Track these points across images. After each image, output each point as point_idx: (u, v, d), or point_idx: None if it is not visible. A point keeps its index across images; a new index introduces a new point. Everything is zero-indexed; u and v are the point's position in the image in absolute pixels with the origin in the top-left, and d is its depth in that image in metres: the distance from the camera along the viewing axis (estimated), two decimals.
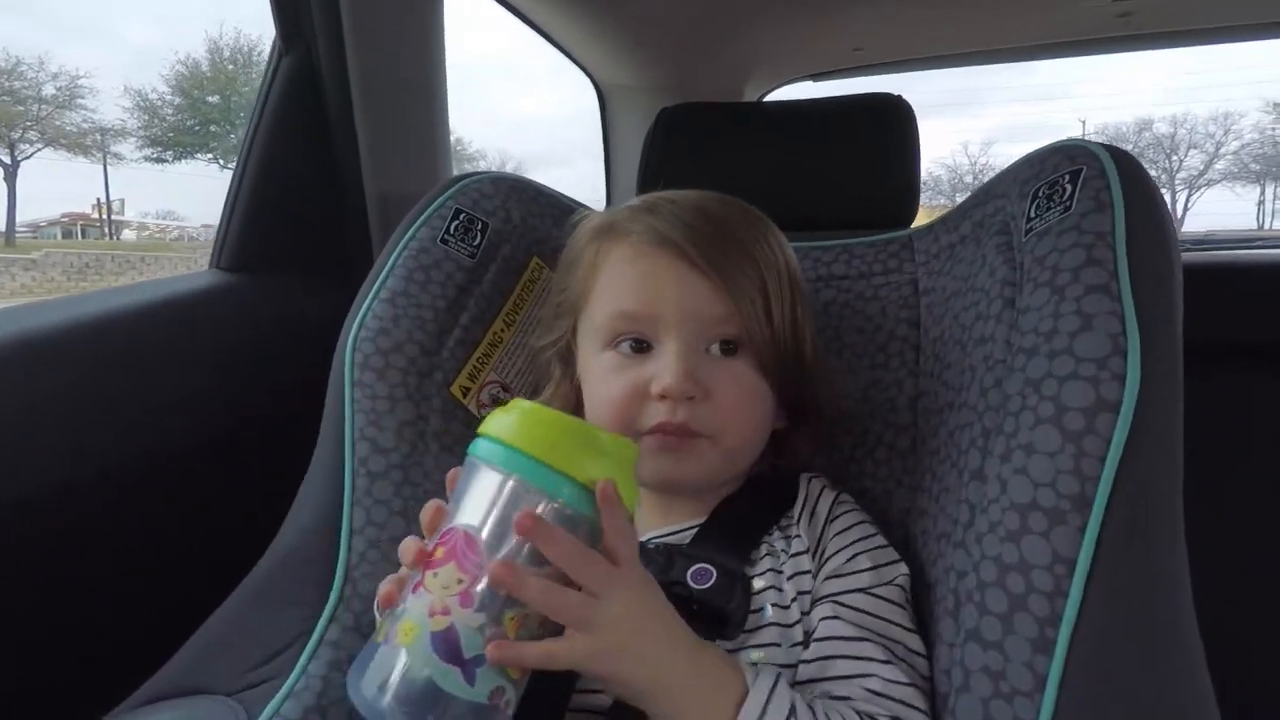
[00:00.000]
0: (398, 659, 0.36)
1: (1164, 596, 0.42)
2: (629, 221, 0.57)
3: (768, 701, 0.41)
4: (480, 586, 0.37)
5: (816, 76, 1.55)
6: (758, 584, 0.51)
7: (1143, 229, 0.49)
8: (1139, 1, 1.13)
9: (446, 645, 0.36)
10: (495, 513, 0.38)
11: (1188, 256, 0.53)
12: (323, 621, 0.57)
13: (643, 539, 0.56)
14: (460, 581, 0.37)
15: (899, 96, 0.83)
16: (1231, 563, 0.66)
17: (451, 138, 1.04)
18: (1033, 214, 0.55)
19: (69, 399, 0.65)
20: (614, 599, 0.38)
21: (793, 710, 0.41)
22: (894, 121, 0.83)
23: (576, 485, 0.38)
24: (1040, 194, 0.56)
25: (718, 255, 0.54)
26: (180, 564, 0.74)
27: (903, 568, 0.53)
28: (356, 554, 0.59)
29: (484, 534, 0.38)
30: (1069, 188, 0.53)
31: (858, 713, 0.43)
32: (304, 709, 0.53)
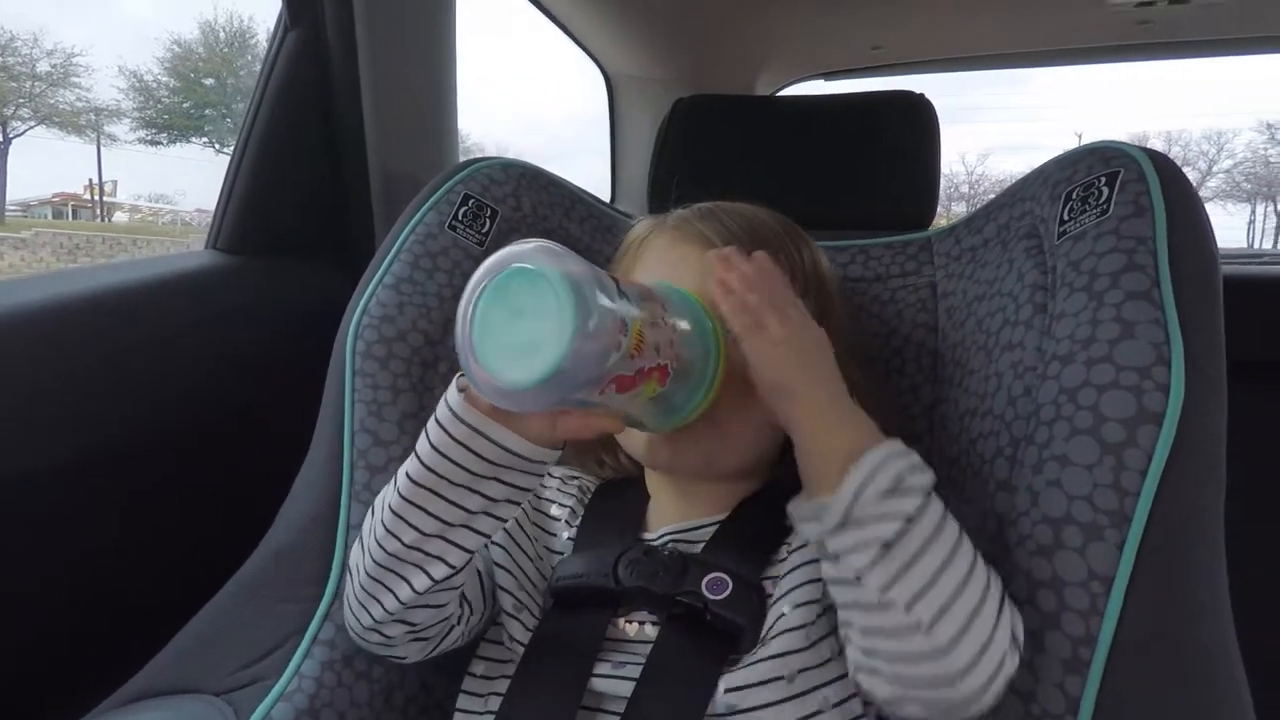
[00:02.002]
0: None
1: (1205, 616, 0.41)
2: (676, 219, 0.59)
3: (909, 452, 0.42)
4: None
5: (830, 75, 1.53)
6: (778, 591, 0.49)
7: (1185, 235, 0.48)
8: (1158, 10, 1.12)
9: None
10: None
11: None
12: (317, 620, 0.55)
13: (659, 533, 0.55)
14: None
15: (921, 95, 0.81)
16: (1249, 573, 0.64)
17: None
18: (1066, 217, 0.53)
19: (55, 377, 0.62)
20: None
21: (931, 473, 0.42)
22: (916, 120, 0.81)
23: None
24: (1074, 196, 0.54)
25: (742, 249, 0.53)
26: (169, 554, 0.72)
27: None
28: None
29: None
30: (1105, 190, 0.52)
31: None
32: (295, 711, 0.51)
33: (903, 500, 0.39)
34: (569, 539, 0.57)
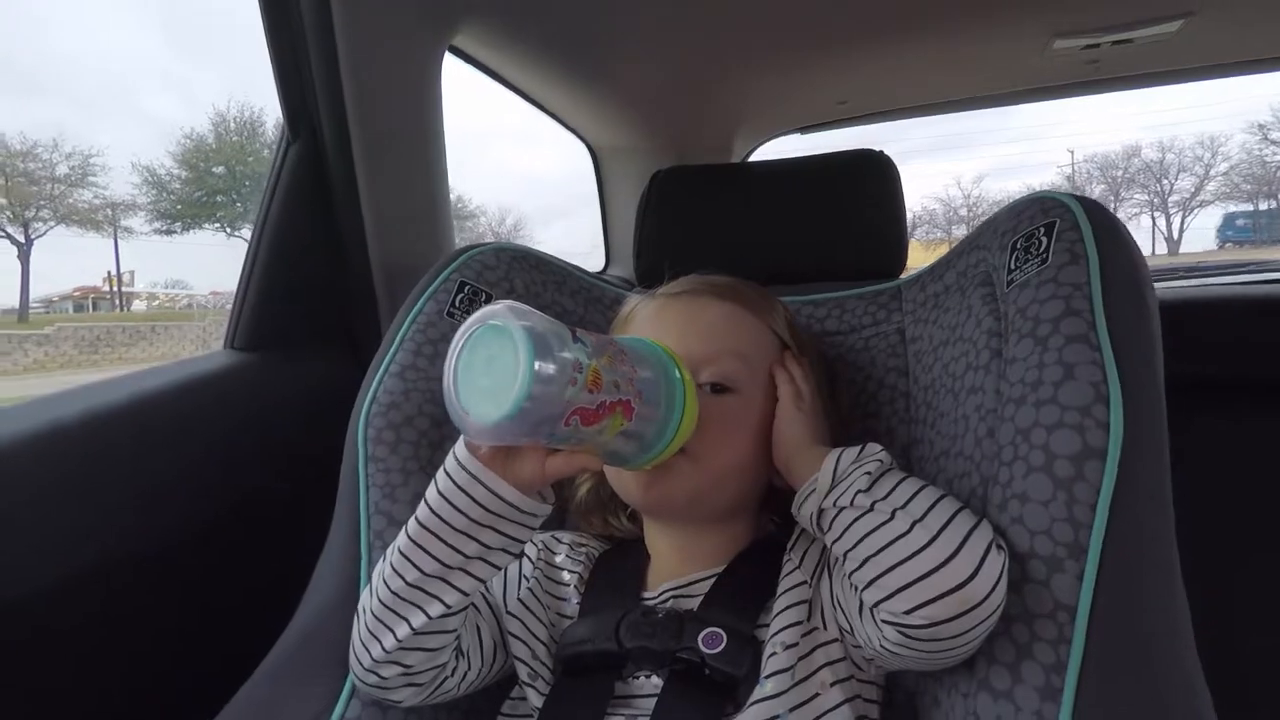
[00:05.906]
0: None
1: (1164, 639, 0.43)
2: (664, 288, 0.66)
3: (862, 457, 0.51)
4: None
5: (804, 129, 1.61)
6: (768, 635, 0.52)
7: (1116, 277, 0.51)
8: (1105, 50, 1.19)
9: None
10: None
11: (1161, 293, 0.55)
12: (342, 700, 0.57)
13: (660, 590, 0.58)
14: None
15: (880, 152, 0.87)
16: (1221, 598, 0.66)
17: (451, 195, 1.09)
18: (1013, 266, 0.57)
19: (91, 485, 0.66)
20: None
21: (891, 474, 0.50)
22: (877, 176, 0.86)
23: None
24: (1018, 246, 0.58)
25: (719, 307, 0.61)
26: (197, 647, 0.75)
27: None
28: None
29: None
30: (1044, 240, 0.56)
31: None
32: None
33: (868, 461, 0.50)
34: (577, 604, 0.60)
